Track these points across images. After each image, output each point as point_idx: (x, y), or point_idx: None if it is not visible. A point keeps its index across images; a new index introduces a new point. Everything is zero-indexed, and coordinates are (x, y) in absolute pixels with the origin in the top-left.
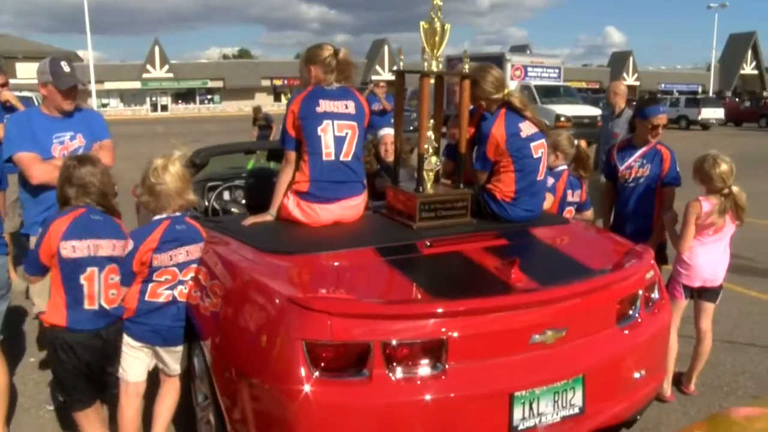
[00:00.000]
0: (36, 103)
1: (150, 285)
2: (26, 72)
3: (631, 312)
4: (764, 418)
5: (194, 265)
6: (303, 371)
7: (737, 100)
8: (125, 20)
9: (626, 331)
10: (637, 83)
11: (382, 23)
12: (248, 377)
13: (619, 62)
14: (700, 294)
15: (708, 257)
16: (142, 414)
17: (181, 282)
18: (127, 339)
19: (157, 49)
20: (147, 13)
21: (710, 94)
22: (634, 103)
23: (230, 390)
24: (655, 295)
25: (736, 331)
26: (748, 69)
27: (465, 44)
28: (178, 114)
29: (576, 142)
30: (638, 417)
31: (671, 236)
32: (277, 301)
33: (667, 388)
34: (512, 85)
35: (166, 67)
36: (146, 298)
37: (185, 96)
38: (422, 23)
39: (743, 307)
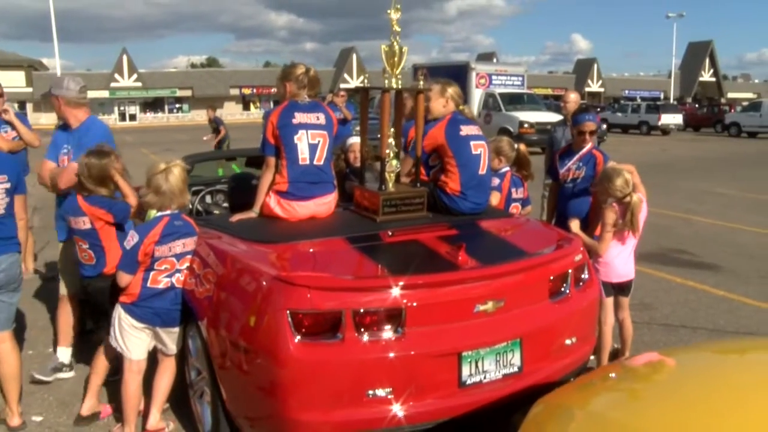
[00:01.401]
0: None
1: (151, 273)
2: None
3: (562, 288)
4: (651, 365)
5: (189, 256)
6: (288, 336)
7: (696, 106)
8: (91, 28)
9: (558, 304)
10: (602, 90)
11: (350, 30)
12: (241, 346)
13: (583, 69)
14: (616, 289)
15: (621, 257)
16: (142, 390)
17: (178, 270)
18: (131, 321)
19: (125, 58)
20: (114, 21)
21: (671, 100)
22: (599, 109)
23: (225, 360)
24: (585, 275)
25: (672, 316)
26: (707, 76)
27: (433, 52)
28: (146, 123)
29: (516, 145)
30: (572, 379)
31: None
32: (265, 279)
33: None
34: (477, 94)
35: (135, 76)
36: (148, 285)
37: (153, 105)
38: (383, 46)
39: (680, 296)
